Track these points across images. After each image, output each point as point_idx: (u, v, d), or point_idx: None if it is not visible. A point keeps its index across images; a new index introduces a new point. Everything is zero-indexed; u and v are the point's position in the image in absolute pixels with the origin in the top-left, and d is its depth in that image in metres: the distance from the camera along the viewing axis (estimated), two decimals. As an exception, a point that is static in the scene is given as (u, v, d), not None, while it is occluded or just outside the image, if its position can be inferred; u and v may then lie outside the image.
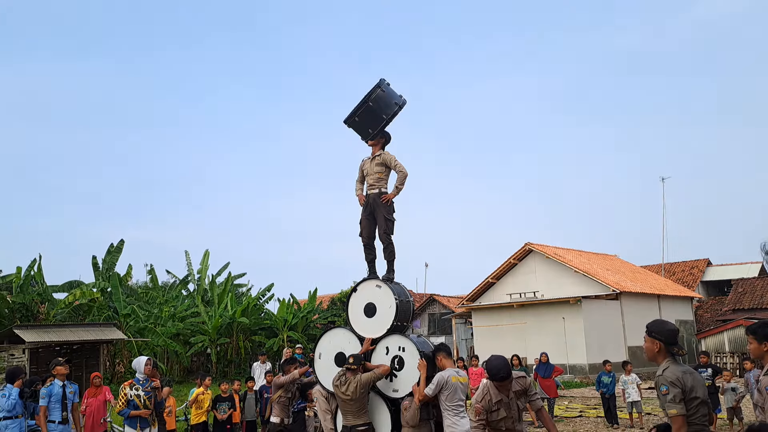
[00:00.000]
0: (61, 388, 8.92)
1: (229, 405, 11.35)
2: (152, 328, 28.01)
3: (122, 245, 29.50)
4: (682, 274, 41.11)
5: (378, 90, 7.65)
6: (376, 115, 7.68)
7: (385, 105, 7.68)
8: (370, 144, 7.82)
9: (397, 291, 7.45)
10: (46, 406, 8.72)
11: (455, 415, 6.35)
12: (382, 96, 7.66)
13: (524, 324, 27.54)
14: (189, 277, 35.56)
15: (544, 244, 30.94)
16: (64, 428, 8.84)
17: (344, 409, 6.94)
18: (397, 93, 7.85)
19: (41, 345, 21.33)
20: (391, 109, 7.70)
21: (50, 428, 8.72)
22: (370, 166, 7.71)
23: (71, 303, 26.09)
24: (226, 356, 32.09)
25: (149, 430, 8.61)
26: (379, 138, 7.78)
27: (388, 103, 7.70)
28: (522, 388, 5.78)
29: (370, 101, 7.60)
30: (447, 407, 6.37)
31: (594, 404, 17.80)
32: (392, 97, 7.75)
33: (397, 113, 7.75)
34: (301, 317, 33.46)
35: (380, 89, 7.65)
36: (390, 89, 7.78)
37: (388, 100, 7.70)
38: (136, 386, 8.62)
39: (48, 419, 8.73)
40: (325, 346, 7.78)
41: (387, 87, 7.76)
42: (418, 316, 39.08)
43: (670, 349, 4.33)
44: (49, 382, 9.10)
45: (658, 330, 4.45)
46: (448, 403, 6.36)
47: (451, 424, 6.32)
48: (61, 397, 8.86)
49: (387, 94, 7.71)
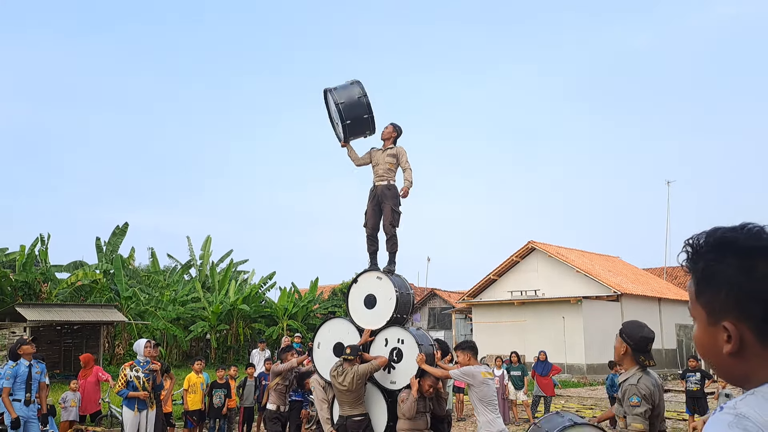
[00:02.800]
0: (27, 368, 8.50)
1: (225, 392, 11.40)
2: (153, 311, 28.15)
3: (126, 228, 29.61)
4: (683, 278, 41.02)
5: (334, 104, 7.54)
6: (359, 121, 7.63)
7: (354, 106, 7.57)
8: (384, 138, 7.85)
9: (398, 283, 7.48)
10: (10, 387, 8.28)
11: (491, 413, 6.27)
12: (344, 102, 7.51)
13: (524, 322, 27.56)
14: (191, 262, 35.69)
15: (546, 243, 30.93)
16: (29, 409, 8.42)
17: (341, 399, 6.97)
18: (345, 84, 7.70)
19: (42, 324, 21.46)
20: (363, 104, 7.60)
21: (14, 407, 8.26)
22: (382, 156, 7.72)
23: (73, 283, 26.23)
24: (226, 342, 32.24)
25: (146, 411, 8.67)
26: (391, 132, 7.82)
27: (354, 103, 7.57)
28: None
29: (348, 120, 7.52)
30: (482, 404, 6.29)
31: (591, 404, 17.83)
32: (349, 92, 7.60)
33: (368, 97, 7.65)
34: (302, 306, 33.57)
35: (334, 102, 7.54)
36: (340, 90, 7.62)
37: (351, 101, 7.55)
38: (137, 368, 8.68)
39: (12, 399, 8.29)
40: (324, 336, 7.81)
41: (335, 92, 7.61)
42: (419, 310, 39.14)
43: (636, 357, 4.20)
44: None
45: (630, 333, 4.26)
46: (483, 399, 6.29)
47: (488, 422, 6.23)
48: (27, 378, 8.46)
49: (344, 97, 7.55)
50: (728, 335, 1.21)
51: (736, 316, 1.20)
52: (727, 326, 1.21)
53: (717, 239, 1.26)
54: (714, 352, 1.26)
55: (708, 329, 1.26)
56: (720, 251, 1.24)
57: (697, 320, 1.30)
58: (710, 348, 1.27)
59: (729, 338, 1.21)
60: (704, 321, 1.27)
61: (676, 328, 31.69)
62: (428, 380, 6.72)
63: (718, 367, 1.28)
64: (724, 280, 1.22)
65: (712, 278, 1.24)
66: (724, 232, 1.26)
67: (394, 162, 7.70)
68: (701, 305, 1.28)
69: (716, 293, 1.23)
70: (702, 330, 1.29)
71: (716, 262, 1.24)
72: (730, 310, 1.21)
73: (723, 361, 1.24)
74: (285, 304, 33.33)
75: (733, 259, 1.22)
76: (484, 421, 6.26)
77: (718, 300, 1.23)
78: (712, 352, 1.26)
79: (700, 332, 1.30)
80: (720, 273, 1.23)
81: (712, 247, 1.26)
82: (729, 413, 1.15)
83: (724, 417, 1.15)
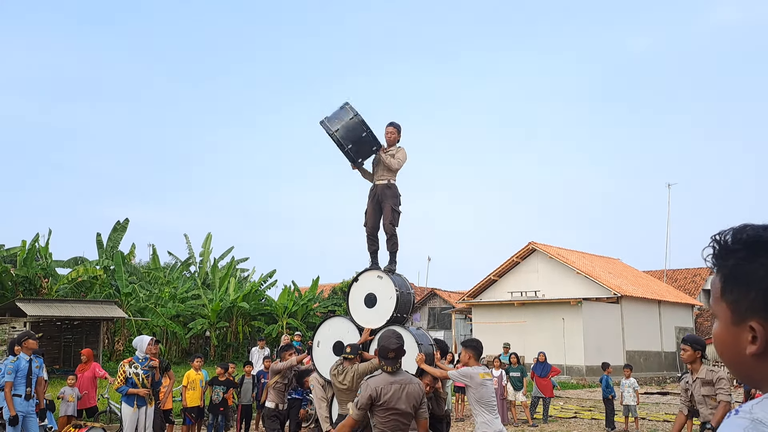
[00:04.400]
0: (27, 363, 8.45)
1: (224, 389, 11.41)
2: (152, 308, 28.17)
3: (127, 224, 29.63)
4: (684, 281, 41.02)
5: (331, 133, 7.39)
6: (360, 141, 7.48)
7: (350, 129, 7.41)
8: (388, 141, 7.82)
9: (398, 282, 7.48)
10: (12, 381, 8.25)
11: (489, 413, 6.27)
12: (339, 129, 7.37)
13: (524, 323, 27.55)
14: (191, 259, 35.69)
15: (547, 244, 30.92)
16: (28, 404, 8.41)
17: (340, 398, 6.97)
18: (335, 111, 7.53)
19: (42, 319, 21.49)
20: (358, 124, 7.42)
21: (14, 402, 8.28)
22: (385, 157, 7.73)
23: (74, 279, 26.26)
24: (225, 340, 32.24)
25: (146, 408, 8.67)
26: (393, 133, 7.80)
27: (350, 126, 7.42)
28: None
29: (349, 144, 7.41)
30: (480, 405, 6.30)
31: (589, 406, 17.83)
32: (341, 116, 7.45)
33: (360, 115, 7.45)
34: (302, 305, 33.57)
35: (329, 133, 7.43)
36: (332, 119, 7.46)
37: (345, 125, 7.40)
38: (135, 364, 8.67)
39: (12, 394, 8.27)
40: (324, 335, 7.81)
41: (327, 121, 7.46)
42: (419, 310, 39.13)
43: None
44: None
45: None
46: (480, 400, 6.29)
47: (485, 422, 6.24)
48: (27, 372, 8.43)
49: (337, 124, 7.40)
50: (753, 335, 1.19)
51: (765, 317, 1.18)
52: (754, 326, 1.19)
53: (751, 238, 1.23)
54: (735, 351, 1.23)
55: (731, 328, 1.23)
56: (753, 250, 1.21)
57: (719, 318, 1.27)
58: (731, 347, 1.24)
59: (754, 339, 1.19)
60: (728, 319, 1.24)
61: (676, 331, 31.67)
62: (426, 379, 6.71)
63: (736, 366, 1.25)
64: (755, 279, 1.19)
65: (742, 277, 1.22)
66: (758, 231, 1.23)
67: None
68: (727, 303, 1.24)
69: (745, 292, 1.21)
70: (725, 328, 1.25)
71: (748, 261, 1.21)
72: (758, 311, 1.19)
73: (743, 362, 1.22)
74: (285, 302, 33.32)
75: (767, 259, 1.20)
76: (482, 422, 6.26)
77: (746, 299, 1.20)
78: (733, 352, 1.24)
79: (722, 330, 1.26)
80: (752, 272, 1.20)
81: (744, 245, 1.23)
82: (745, 417, 1.13)
83: (739, 421, 1.13)
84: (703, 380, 6.47)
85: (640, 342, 28.84)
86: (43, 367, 9.07)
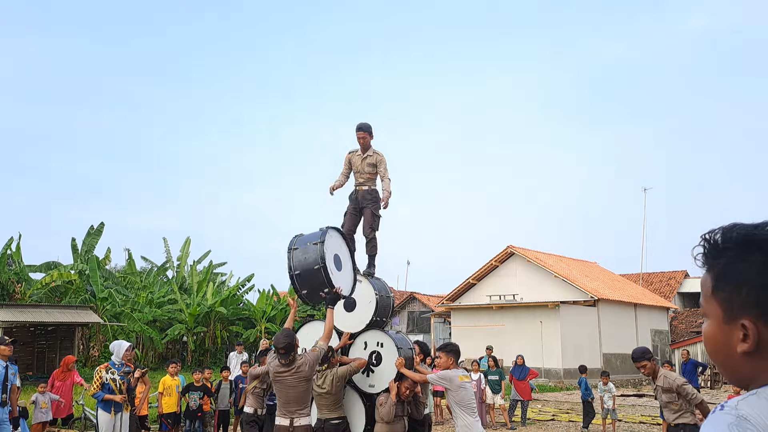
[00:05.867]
0: (3, 369, 8.28)
1: (201, 395, 11.29)
2: (129, 313, 27.79)
3: (102, 228, 29.22)
4: (659, 284, 41.56)
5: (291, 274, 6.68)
6: (315, 290, 6.65)
7: (310, 276, 6.55)
8: (359, 137, 7.79)
9: (378, 286, 7.47)
10: None
11: (469, 416, 6.29)
12: (299, 272, 6.58)
13: (502, 326, 27.70)
14: (168, 264, 35.31)
15: (525, 248, 31.14)
16: (2, 411, 8.26)
17: (319, 402, 6.92)
18: (310, 236, 6.72)
19: (15, 325, 21.10)
20: (320, 276, 6.46)
21: None
22: (361, 165, 7.74)
23: (48, 284, 25.83)
24: (203, 345, 31.95)
25: (122, 414, 8.54)
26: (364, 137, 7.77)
27: (311, 273, 6.53)
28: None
29: (303, 290, 6.70)
30: (460, 407, 6.31)
31: (567, 409, 17.96)
32: (306, 256, 6.59)
33: (326, 268, 6.49)
34: (280, 309, 33.38)
35: (289, 267, 6.70)
36: (300, 250, 6.68)
37: (307, 270, 6.54)
38: (112, 370, 8.54)
39: None
40: (303, 339, 7.77)
41: (294, 252, 6.70)
42: (398, 313, 39.14)
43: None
44: None
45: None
46: (460, 403, 6.30)
47: (466, 425, 6.25)
48: (3, 379, 8.25)
49: (300, 265, 6.60)
50: (744, 333, 1.19)
51: (756, 315, 1.19)
52: (746, 324, 1.19)
53: (741, 236, 1.23)
54: (726, 349, 1.23)
55: (723, 326, 1.23)
56: (744, 248, 1.22)
57: (710, 316, 1.27)
58: (722, 345, 1.24)
59: (745, 337, 1.19)
60: (720, 318, 1.24)
61: (651, 334, 32.08)
62: (405, 383, 6.72)
63: (726, 365, 1.25)
64: (746, 277, 1.20)
65: (733, 275, 1.22)
66: (748, 230, 1.24)
67: (373, 170, 7.76)
68: (718, 302, 1.24)
69: (737, 290, 1.21)
70: (716, 327, 1.25)
71: (739, 260, 1.22)
72: (749, 309, 1.19)
73: (733, 360, 1.22)
74: (263, 306, 33.11)
75: (759, 257, 1.20)
76: (462, 425, 6.27)
77: (738, 297, 1.21)
78: (724, 350, 1.24)
79: (713, 329, 1.26)
80: (743, 270, 1.21)
81: (735, 243, 1.23)
82: (730, 413, 1.14)
83: (724, 417, 1.14)
84: (663, 387, 6.71)
85: (616, 345, 29.14)
86: (17, 374, 8.90)
